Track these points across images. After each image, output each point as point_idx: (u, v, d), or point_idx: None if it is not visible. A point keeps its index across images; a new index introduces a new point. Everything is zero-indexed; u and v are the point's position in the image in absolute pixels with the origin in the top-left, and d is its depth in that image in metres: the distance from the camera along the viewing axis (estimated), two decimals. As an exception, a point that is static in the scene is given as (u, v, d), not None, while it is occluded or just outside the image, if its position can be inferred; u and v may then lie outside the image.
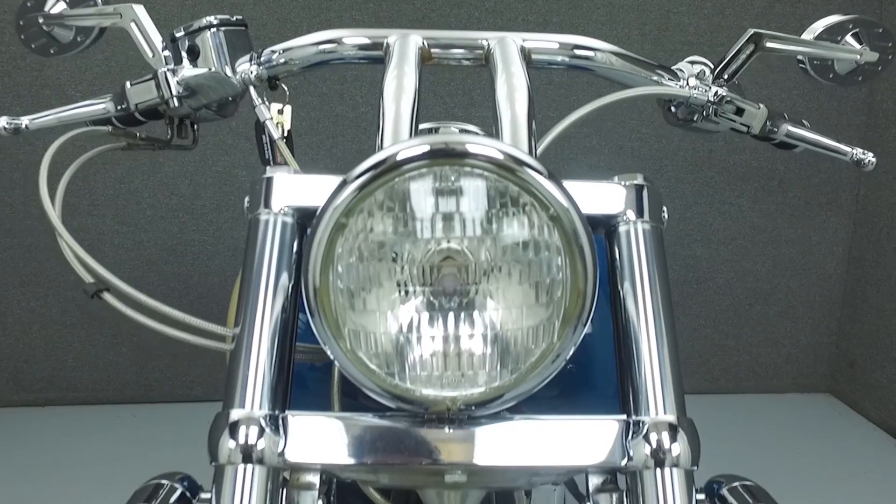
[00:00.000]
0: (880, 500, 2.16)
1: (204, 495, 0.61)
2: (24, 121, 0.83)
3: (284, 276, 0.63)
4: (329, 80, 2.45)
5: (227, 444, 0.58)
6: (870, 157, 0.88)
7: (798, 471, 2.25)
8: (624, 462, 0.59)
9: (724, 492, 0.63)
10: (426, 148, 0.50)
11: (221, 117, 0.91)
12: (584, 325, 0.55)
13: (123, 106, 0.85)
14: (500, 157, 0.51)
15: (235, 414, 0.58)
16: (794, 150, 0.97)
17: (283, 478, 0.60)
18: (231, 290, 1.07)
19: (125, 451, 2.32)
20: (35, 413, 2.66)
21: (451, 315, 0.54)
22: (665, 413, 0.60)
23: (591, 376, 0.87)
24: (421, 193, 0.52)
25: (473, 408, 0.56)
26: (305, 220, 0.65)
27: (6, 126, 0.81)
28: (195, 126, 0.93)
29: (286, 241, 0.64)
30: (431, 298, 0.54)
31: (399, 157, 0.51)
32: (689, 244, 2.69)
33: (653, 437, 0.59)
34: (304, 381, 0.80)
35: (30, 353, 2.67)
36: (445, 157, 0.50)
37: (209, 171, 2.51)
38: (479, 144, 0.51)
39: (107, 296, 0.68)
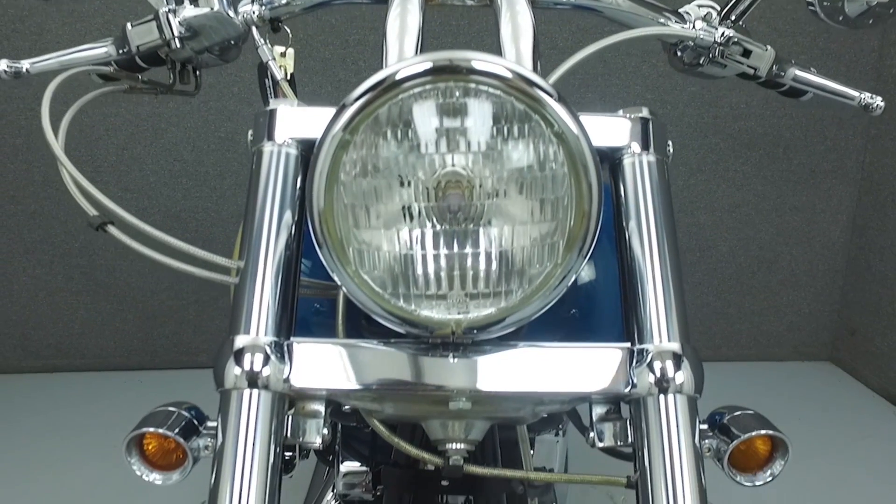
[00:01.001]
0: (878, 466, 2.17)
1: (210, 423, 0.61)
2: (25, 64, 0.82)
3: (288, 207, 0.63)
4: (331, 45, 2.43)
5: (233, 371, 0.58)
6: (878, 101, 0.87)
7: (797, 437, 2.25)
8: (628, 389, 0.60)
9: (726, 421, 0.64)
10: (429, 65, 0.50)
11: (224, 62, 0.91)
12: (589, 248, 0.55)
13: (125, 49, 0.85)
14: (505, 72, 0.50)
15: (241, 340, 0.59)
16: (801, 99, 0.96)
17: (288, 406, 0.61)
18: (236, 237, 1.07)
19: (133, 417, 2.32)
20: (43, 379, 2.69)
21: (455, 233, 0.54)
22: (669, 341, 0.60)
23: (596, 310, 0.87)
24: (425, 111, 0.52)
25: (476, 331, 0.56)
26: (309, 152, 0.65)
27: (6, 69, 0.81)
28: (197, 72, 0.92)
29: (290, 172, 0.64)
30: (436, 216, 0.54)
31: (402, 75, 0.51)
32: (693, 211, 2.68)
33: (656, 364, 0.59)
34: (308, 316, 0.80)
35: (37, 320, 2.69)
36: (450, 73, 0.50)
37: (212, 136, 2.50)
38: (483, 61, 0.50)
39: (111, 229, 0.68)
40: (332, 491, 1.34)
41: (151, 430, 0.59)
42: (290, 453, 0.96)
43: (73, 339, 2.72)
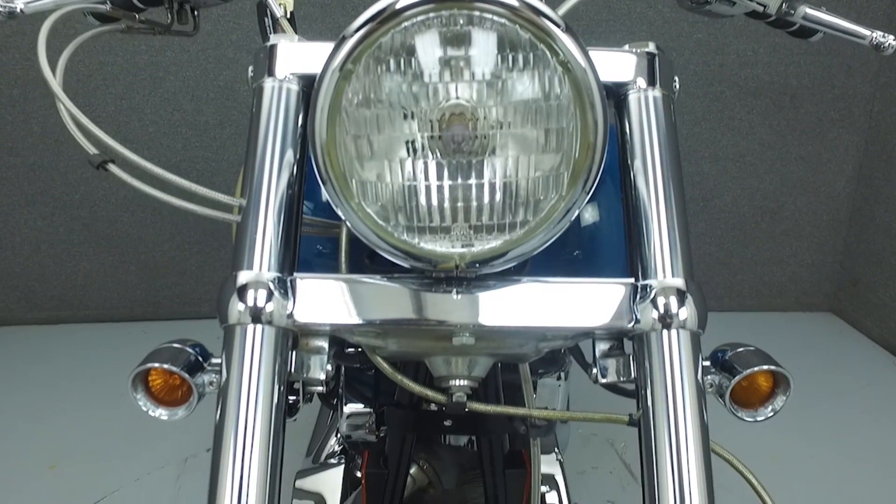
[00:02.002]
0: (876, 413, 2.20)
1: (215, 360, 0.61)
2: (19, 4, 0.80)
3: (290, 144, 0.62)
4: (330, -9, 2.38)
5: (236, 306, 0.58)
6: (890, 39, 0.85)
7: (798, 387, 2.28)
8: (631, 325, 0.60)
9: (728, 357, 0.64)
10: None
11: (222, 1, 0.88)
12: (594, 181, 0.55)
13: None
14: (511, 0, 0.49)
15: (244, 276, 0.58)
16: (811, 39, 0.93)
17: (292, 342, 0.61)
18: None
19: (131, 369, 2.37)
20: (48, 331, 2.71)
21: (459, 164, 0.53)
22: (673, 276, 0.60)
23: (600, 252, 0.87)
24: (428, 40, 0.50)
25: (479, 265, 0.56)
26: (310, 88, 0.63)
27: (0, 9, 0.78)
28: (195, 12, 0.90)
29: (291, 108, 0.63)
30: (439, 148, 0.53)
31: (402, 4, 0.49)
32: (697, 161, 2.65)
33: (660, 300, 0.59)
34: (311, 258, 0.80)
35: (40, 272, 2.70)
36: (453, 0, 0.49)
37: (211, 85, 2.46)
38: None
39: (112, 167, 0.67)
40: (336, 435, 1.36)
41: (156, 365, 0.59)
42: (294, 397, 0.97)
43: (77, 291, 2.73)
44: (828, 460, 1.97)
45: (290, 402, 0.97)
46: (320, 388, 0.94)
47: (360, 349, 0.85)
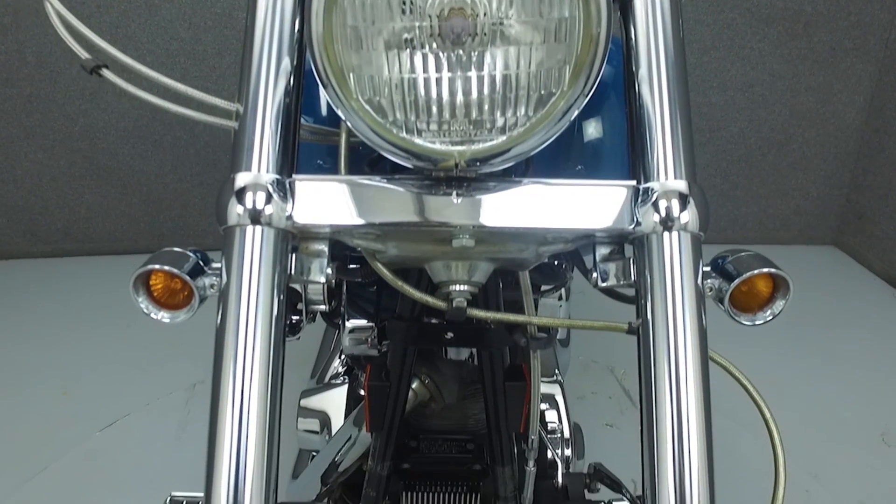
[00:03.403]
0: (874, 344, 2.23)
1: (216, 265, 0.61)
2: None
3: (287, 49, 0.60)
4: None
5: (235, 208, 0.58)
6: None
7: (798, 319, 2.30)
8: (632, 227, 0.59)
9: (729, 262, 0.63)
10: None
11: None
12: (596, 77, 0.53)
13: None
14: None
15: (242, 178, 0.58)
16: None
17: (292, 245, 0.61)
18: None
19: (144, 297, 2.39)
20: (54, 264, 2.74)
21: (459, 56, 0.52)
22: (675, 179, 0.59)
23: (602, 167, 0.86)
24: None
25: (479, 163, 0.55)
26: None
27: None
28: None
29: (287, 12, 0.61)
30: (438, 42, 0.51)
31: None
32: (705, 91, 2.60)
33: (662, 202, 0.58)
34: (310, 171, 0.79)
35: (43, 206, 2.70)
36: None
37: (208, 13, 2.40)
38: None
39: (106, 72, 0.65)
40: (340, 357, 1.39)
41: (157, 267, 0.59)
42: (297, 316, 0.98)
43: (81, 224, 2.74)
44: (823, 387, 2.00)
45: (294, 321, 0.99)
46: (322, 307, 0.95)
47: (361, 264, 0.86)
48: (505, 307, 0.85)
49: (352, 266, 0.87)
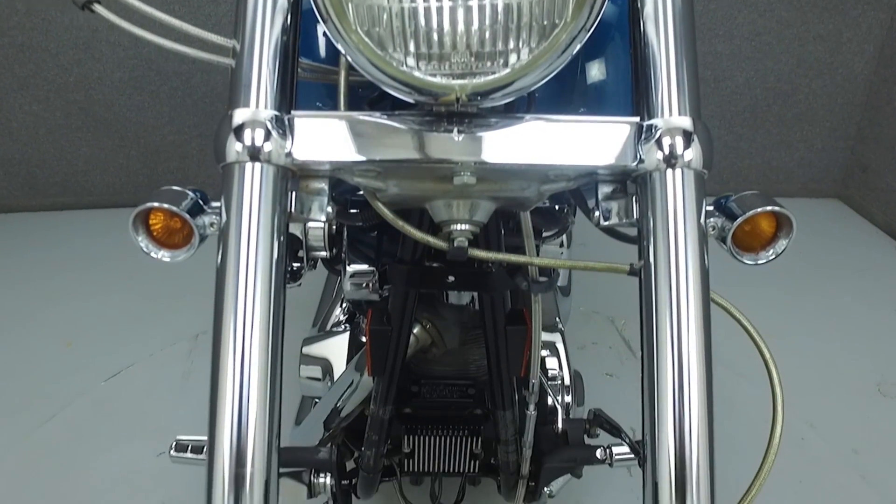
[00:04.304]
0: (874, 296, 2.23)
1: (216, 204, 0.60)
2: None
3: None
4: None
5: (234, 145, 0.57)
6: None
7: (799, 271, 2.31)
8: (635, 164, 0.58)
9: (732, 201, 0.63)
10: None
11: None
12: (600, 7, 0.52)
13: None
14: None
15: (240, 115, 0.57)
16: None
17: (292, 183, 0.60)
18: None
19: (141, 252, 2.39)
20: (53, 217, 2.73)
21: None
22: (679, 115, 0.58)
23: (606, 106, 0.85)
24: None
25: (480, 97, 0.54)
26: None
27: None
28: None
29: None
30: None
31: None
32: (711, 39, 2.55)
33: (665, 139, 0.57)
34: (308, 102, 0.78)
35: (40, 158, 2.68)
36: None
37: (201, -42, 2.35)
38: None
39: (98, 7, 0.63)
40: (341, 306, 1.39)
41: (156, 204, 0.58)
42: (298, 264, 0.98)
43: (79, 177, 2.72)
44: (822, 338, 2.01)
45: (295, 268, 0.98)
46: (323, 253, 0.95)
47: (362, 208, 0.85)
48: (507, 252, 0.84)
49: (353, 211, 0.87)
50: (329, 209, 0.61)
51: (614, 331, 1.99)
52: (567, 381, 1.20)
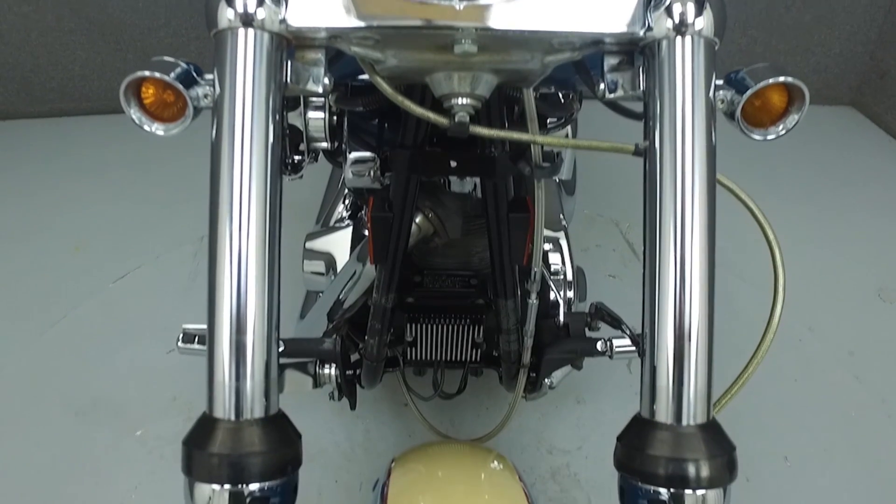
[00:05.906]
0: (882, 204, 2.21)
1: (209, 76, 0.58)
2: None
3: None
4: None
5: (226, 11, 0.54)
6: None
7: (810, 179, 2.28)
8: (643, 32, 0.56)
9: (742, 74, 0.61)
10: None
11: None
12: None
13: None
14: None
15: None
16: None
17: (287, 52, 0.58)
18: None
19: (143, 158, 2.38)
20: (52, 124, 2.69)
21: None
22: None
23: None
24: None
25: None
26: None
27: None
28: None
29: None
30: None
31: None
32: (730, -67, 2.42)
33: (676, 5, 0.55)
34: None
35: (34, 63, 2.61)
36: None
37: None
38: None
39: None
40: (344, 202, 1.39)
41: (148, 73, 0.57)
42: (300, 156, 0.96)
43: (75, 82, 2.66)
44: (827, 244, 2.01)
45: (296, 160, 0.97)
46: (324, 144, 0.93)
47: (362, 93, 0.83)
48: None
49: (353, 91, 0.84)
50: (326, 80, 0.59)
51: (619, 234, 1.99)
52: (570, 276, 1.21)
